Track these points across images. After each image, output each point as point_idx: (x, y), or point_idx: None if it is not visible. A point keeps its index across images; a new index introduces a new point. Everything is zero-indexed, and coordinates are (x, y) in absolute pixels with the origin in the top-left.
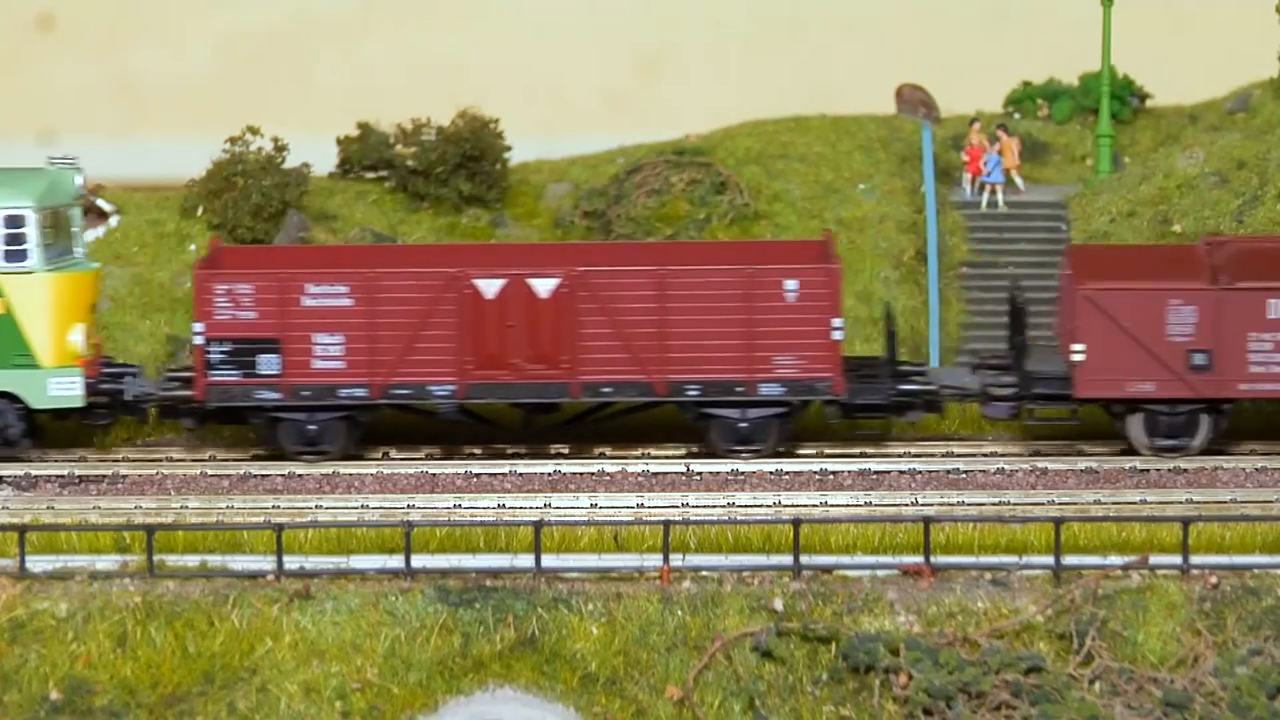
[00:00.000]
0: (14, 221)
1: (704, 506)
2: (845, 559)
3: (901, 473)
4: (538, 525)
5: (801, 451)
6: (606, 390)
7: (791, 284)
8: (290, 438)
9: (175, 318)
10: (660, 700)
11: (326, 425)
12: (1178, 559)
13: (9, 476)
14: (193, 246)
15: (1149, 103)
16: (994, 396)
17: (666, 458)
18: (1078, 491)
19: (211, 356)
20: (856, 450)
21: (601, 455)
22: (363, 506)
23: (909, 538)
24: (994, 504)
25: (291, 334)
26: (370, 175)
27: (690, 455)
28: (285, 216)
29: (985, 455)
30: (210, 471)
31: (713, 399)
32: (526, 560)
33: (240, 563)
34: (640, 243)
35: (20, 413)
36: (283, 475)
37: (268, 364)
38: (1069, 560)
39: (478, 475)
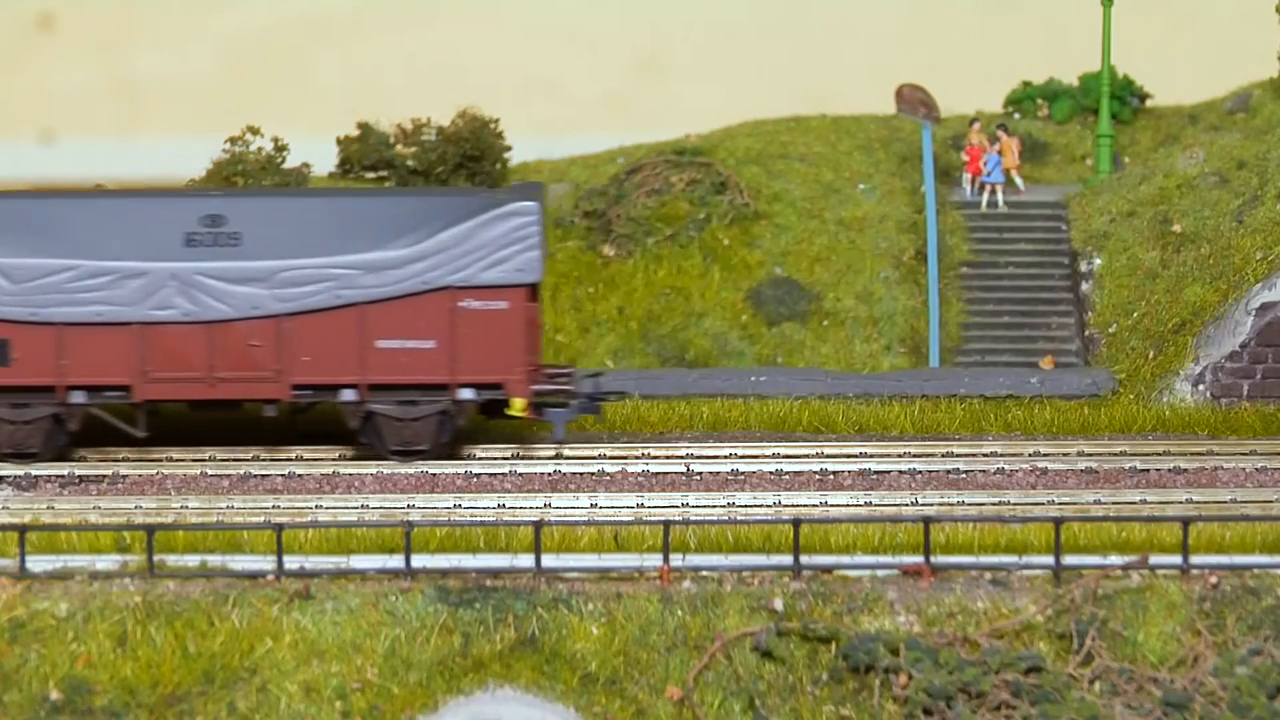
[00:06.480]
0: None
1: (704, 506)
2: (845, 559)
3: (901, 473)
4: (538, 525)
5: (801, 452)
6: None
7: None
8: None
9: None
10: (660, 700)
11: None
12: (1178, 559)
13: (9, 476)
14: None
15: (1149, 103)
16: None
17: (666, 458)
18: (1078, 491)
19: None
20: (856, 450)
21: (602, 455)
22: (363, 506)
23: (909, 538)
24: (994, 504)
25: None
26: (370, 175)
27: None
28: None
29: (985, 455)
30: (210, 471)
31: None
32: (526, 560)
33: (240, 563)
34: None
35: None
36: (283, 475)
37: None
38: (1069, 560)
39: (478, 475)
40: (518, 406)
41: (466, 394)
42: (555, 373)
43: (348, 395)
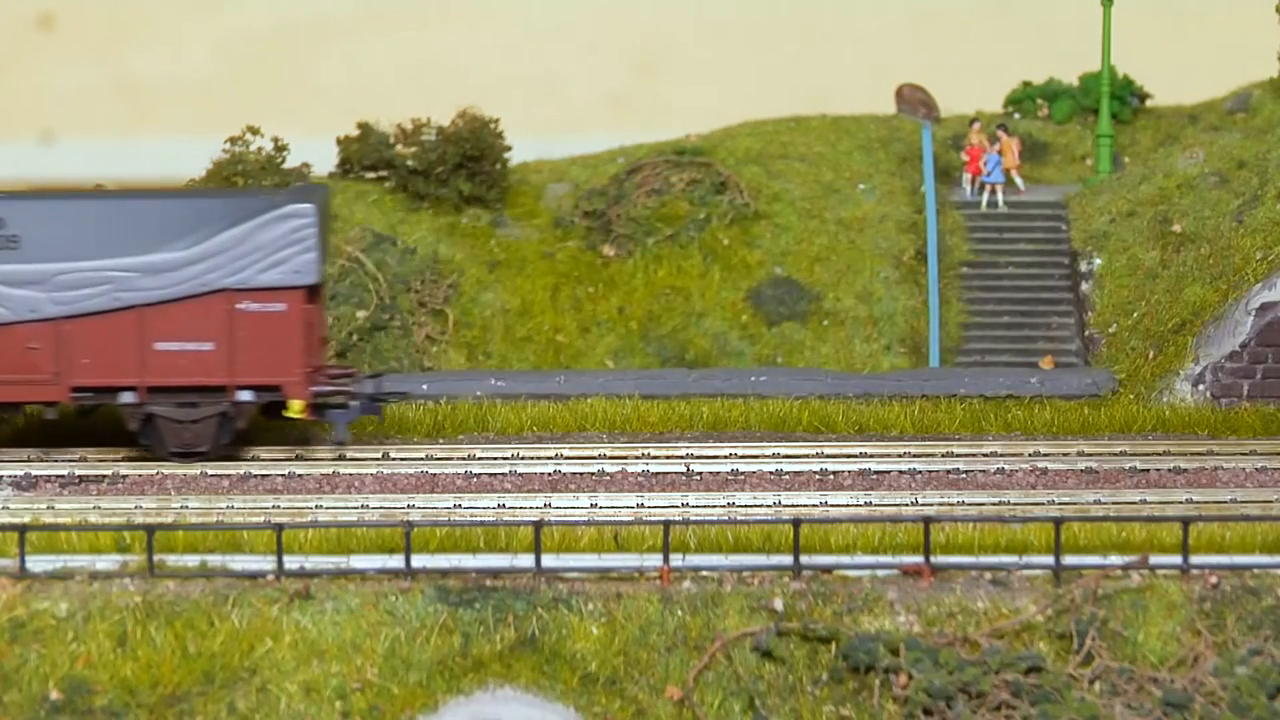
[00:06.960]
0: None
1: (704, 506)
2: (845, 559)
3: (901, 473)
4: (538, 525)
5: (801, 452)
6: None
7: None
8: None
9: None
10: (660, 700)
11: None
12: (1178, 559)
13: (9, 476)
14: None
15: (1149, 103)
16: None
17: (666, 458)
18: (1078, 491)
19: None
20: (856, 450)
21: (602, 455)
22: (363, 506)
23: (909, 538)
24: (994, 504)
25: None
26: (370, 175)
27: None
28: None
29: (985, 455)
30: (210, 471)
31: None
32: (526, 560)
33: (240, 563)
34: None
35: None
36: (283, 475)
37: None
38: (1069, 560)
39: (478, 475)
40: (296, 408)
41: (245, 396)
42: (336, 374)
43: (127, 397)
